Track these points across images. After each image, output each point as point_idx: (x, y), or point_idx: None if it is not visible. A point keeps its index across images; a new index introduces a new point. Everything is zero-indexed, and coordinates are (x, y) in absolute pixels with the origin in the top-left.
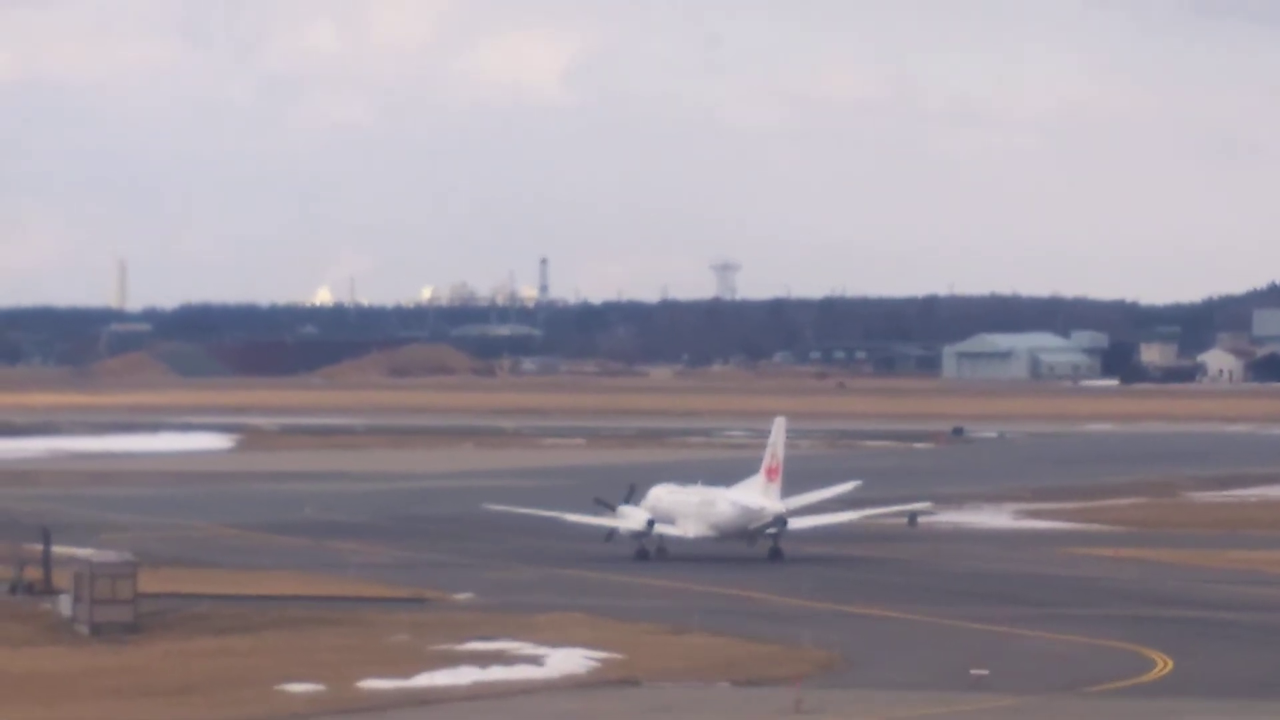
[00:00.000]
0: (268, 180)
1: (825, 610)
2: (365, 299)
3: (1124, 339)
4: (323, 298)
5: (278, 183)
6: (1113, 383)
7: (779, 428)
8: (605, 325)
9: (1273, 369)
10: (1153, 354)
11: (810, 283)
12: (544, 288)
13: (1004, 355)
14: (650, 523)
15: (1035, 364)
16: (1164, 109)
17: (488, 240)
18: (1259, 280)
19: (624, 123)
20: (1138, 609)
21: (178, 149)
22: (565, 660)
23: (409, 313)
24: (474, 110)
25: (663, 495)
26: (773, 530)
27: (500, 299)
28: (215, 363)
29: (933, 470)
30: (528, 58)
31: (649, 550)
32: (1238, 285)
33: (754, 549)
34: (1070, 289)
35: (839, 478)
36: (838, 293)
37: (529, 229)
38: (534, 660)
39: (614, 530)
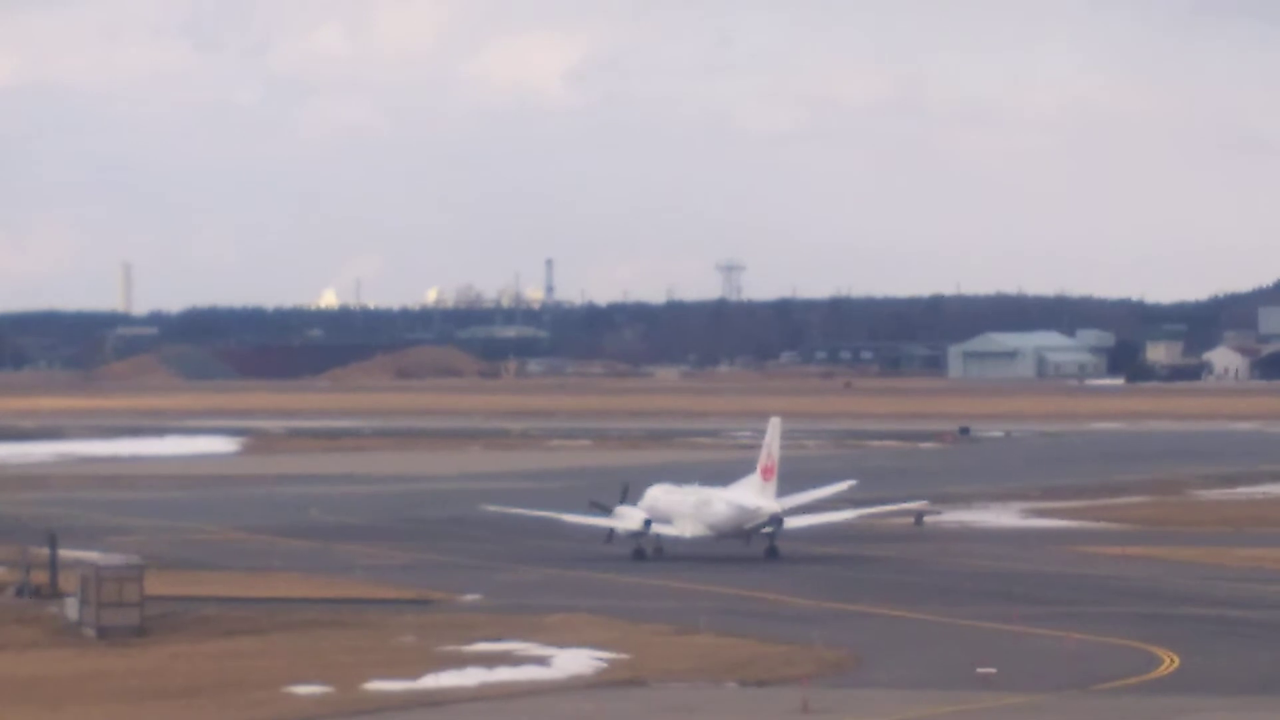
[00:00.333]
0: (274, 183)
1: (833, 610)
2: (371, 301)
3: (1130, 338)
4: (329, 300)
5: (284, 186)
6: (1119, 381)
7: (774, 428)
8: (611, 326)
9: (1279, 367)
10: (1159, 352)
11: (816, 283)
12: (550, 289)
13: (1010, 354)
14: (647, 523)
15: (1041, 363)
16: (1170, 107)
17: (494, 242)
18: (1265, 278)
19: (629, 124)
20: (1145, 607)
21: (184, 152)
22: (572, 661)
23: (415, 315)
24: (480, 112)
25: (659, 495)
26: (769, 529)
27: (506, 301)
28: (221, 366)
29: (939, 470)
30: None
31: (646, 550)
32: (1244, 283)
33: (751, 548)
34: (1076, 288)
35: (844, 478)
36: (844, 293)
37: (535, 230)
38: (541, 661)
39: (613, 531)
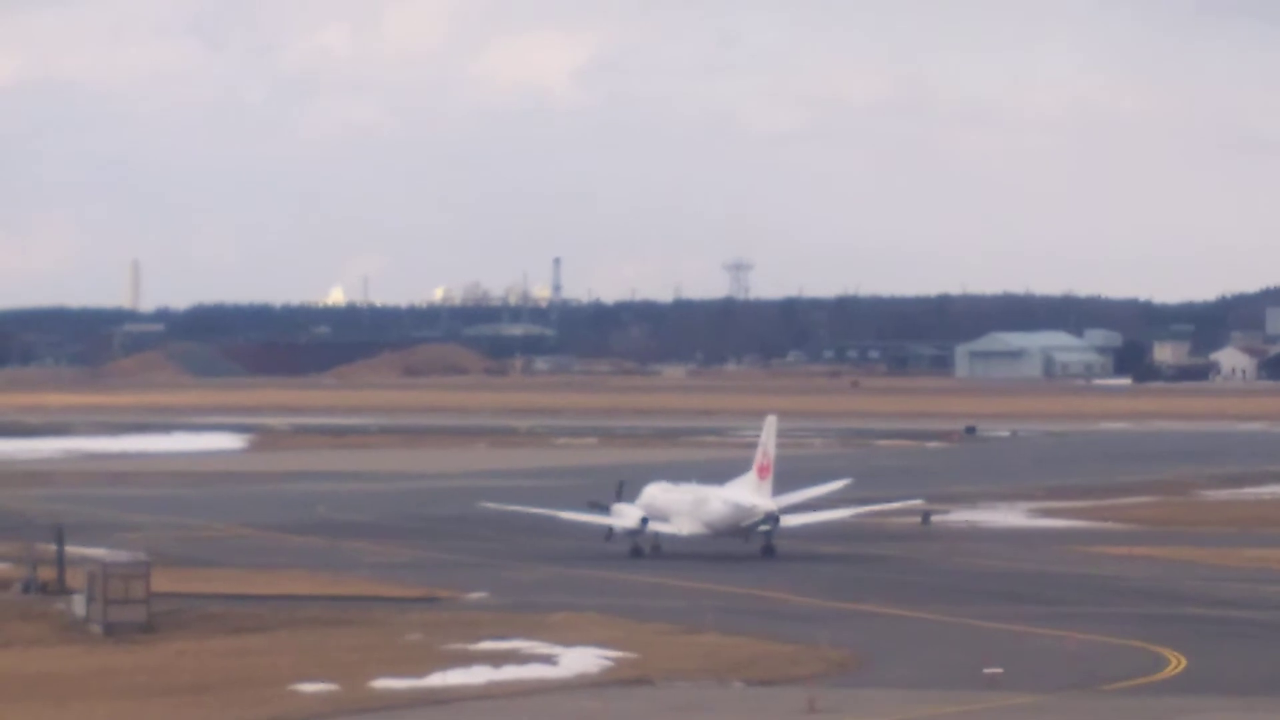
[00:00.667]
0: (280, 182)
1: (838, 609)
2: (378, 299)
3: (1137, 338)
4: (336, 298)
5: (290, 185)
6: (1126, 381)
7: (770, 427)
8: (618, 325)
9: None
10: (1166, 353)
11: (824, 282)
12: (557, 287)
13: (1017, 354)
14: (644, 520)
15: (1048, 363)
16: (1176, 108)
17: (501, 240)
18: (1272, 279)
19: (633, 124)
20: (1151, 607)
21: (190, 150)
22: (578, 659)
23: (422, 313)
24: (485, 112)
25: (657, 494)
26: (765, 527)
27: (513, 299)
28: (228, 363)
29: (946, 469)
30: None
31: (643, 548)
32: (1251, 284)
33: (748, 546)
34: (1083, 288)
35: (848, 477)
36: (851, 292)
37: (542, 229)
38: (547, 659)
39: (612, 529)
